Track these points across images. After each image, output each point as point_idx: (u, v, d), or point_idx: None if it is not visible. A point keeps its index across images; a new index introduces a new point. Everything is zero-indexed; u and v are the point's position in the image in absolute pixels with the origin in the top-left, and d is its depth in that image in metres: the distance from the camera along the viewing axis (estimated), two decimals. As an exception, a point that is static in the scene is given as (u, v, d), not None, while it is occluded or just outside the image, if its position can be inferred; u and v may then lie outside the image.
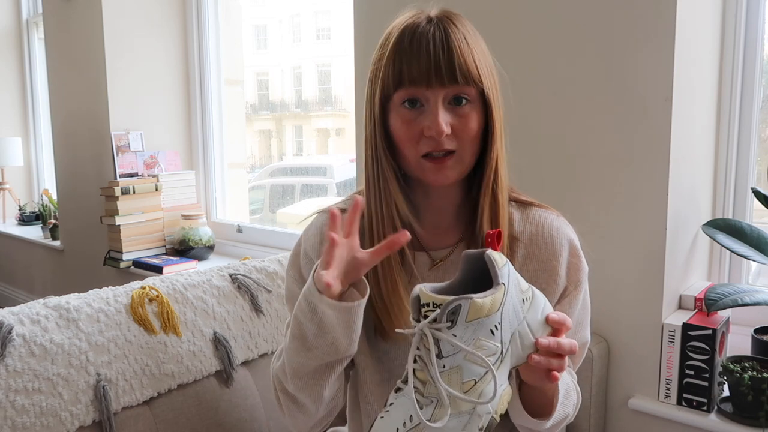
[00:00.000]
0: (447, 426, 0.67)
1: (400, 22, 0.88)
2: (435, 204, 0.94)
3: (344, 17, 2.02)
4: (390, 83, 0.86)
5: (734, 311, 1.38)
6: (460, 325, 0.67)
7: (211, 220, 2.88)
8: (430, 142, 0.85)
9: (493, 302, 0.68)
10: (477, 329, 0.68)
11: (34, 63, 4.23)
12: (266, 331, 1.34)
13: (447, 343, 0.67)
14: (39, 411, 0.98)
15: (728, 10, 1.44)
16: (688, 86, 1.34)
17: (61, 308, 1.09)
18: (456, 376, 0.68)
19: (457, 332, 0.67)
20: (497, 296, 0.69)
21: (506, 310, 0.70)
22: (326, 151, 3.69)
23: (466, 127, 0.86)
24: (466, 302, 0.67)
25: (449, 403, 0.67)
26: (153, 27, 2.77)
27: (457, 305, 0.67)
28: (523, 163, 1.52)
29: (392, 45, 0.86)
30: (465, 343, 0.67)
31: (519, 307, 0.71)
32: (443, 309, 0.67)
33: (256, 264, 1.42)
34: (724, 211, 1.50)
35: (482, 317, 0.68)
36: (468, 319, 0.67)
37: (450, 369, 0.68)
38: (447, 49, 0.83)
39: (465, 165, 0.88)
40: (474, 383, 0.68)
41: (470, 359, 0.68)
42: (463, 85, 0.84)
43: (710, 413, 1.29)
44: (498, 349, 0.69)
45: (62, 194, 3.24)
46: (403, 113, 0.86)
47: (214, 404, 1.20)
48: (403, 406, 0.70)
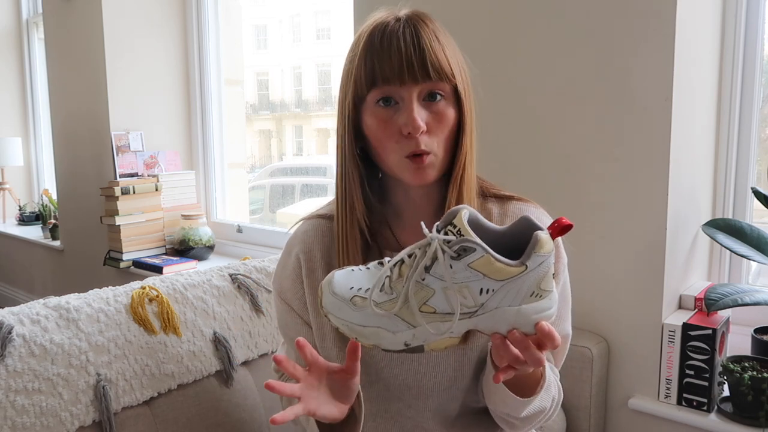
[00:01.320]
0: (382, 320, 0.70)
1: (369, 23, 0.88)
2: (415, 204, 0.94)
3: (344, 17, 2.02)
4: (363, 83, 0.86)
5: (734, 311, 1.39)
6: (462, 262, 0.67)
7: (211, 220, 2.88)
8: (410, 143, 0.85)
9: (502, 271, 0.67)
10: (472, 278, 0.68)
11: (34, 63, 4.23)
12: (266, 331, 1.34)
13: (440, 267, 0.68)
14: (39, 411, 0.98)
15: (728, 10, 1.44)
16: (688, 86, 1.34)
17: (61, 308, 1.09)
18: (423, 294, 0.69)
19: (456, 267, 0.68)
20: (510, 270, 0.67)
21: (509, 286, 0.68)
22: (326, 151, 3.70)
23: (441, 123, 0.86)
24: (482, 252, 0.67)
25: (401, 306, 0.69)
26: (153, 27, 2.77)
27: (472, 247, 0.67)
28: (524, 163, 1.52)
29: (363, 45, 0.86)
30: (453, 280, 0.68)
31: (523, 294, 0.69)
32: (460, 241, 0.67)
33: (256, 264, 1.42)
34: (724, 211, 1.50)
35: (484, 273, 0.67)
36: (472, 266, 0.67)
37: (424, 286, 0.69)
38: (418, 45, 0.83)
39: (442, 162, 0.88)
40: (433, 312, 0.69)
41: (446, 294, 0.69)
42: (436, 80, 0.84)
43: (710, 413, 1.29)
44: (474, 308, 0.69)
45: (62, 194, 3.24)
46: (378, 112, 0.86)
47: (214, 404, 1.20)
48: (371, 276, 0.73)
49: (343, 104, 0.90)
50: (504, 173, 1.50)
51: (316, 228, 0.98)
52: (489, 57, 1.51)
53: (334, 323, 0.73)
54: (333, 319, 0.73)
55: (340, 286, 0.73)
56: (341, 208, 0.92)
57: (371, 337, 0.71)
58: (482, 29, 1.53)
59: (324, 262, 0.96)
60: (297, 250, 0.98)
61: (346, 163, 0.91)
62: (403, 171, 0.87)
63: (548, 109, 1.47)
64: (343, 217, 0.92)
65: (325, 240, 0.97)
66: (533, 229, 0.68)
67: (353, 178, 0.91)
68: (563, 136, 1.45)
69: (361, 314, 0.71)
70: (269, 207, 3.37)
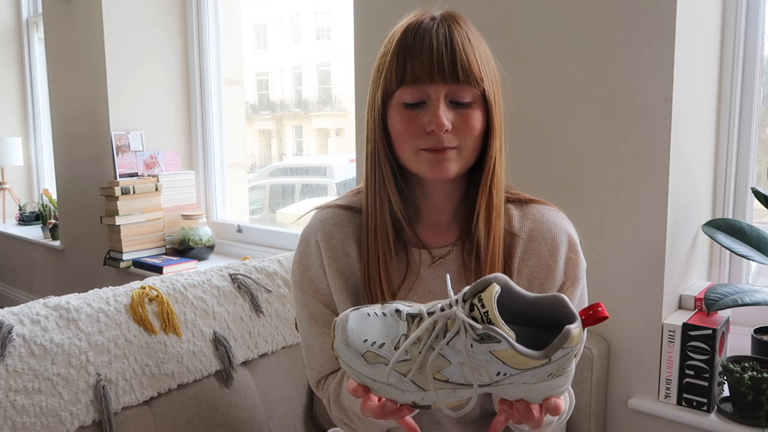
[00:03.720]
0: (392, 375, 0.68)
1: (404, 21, 0.88)
2: (434, 203, 0.94)
3: (344, 17, 2.02)
4: (393, 79, 0.86)
5: (734, 311, 1.39)
6: (484, 347, 0.65)
7: (211, 220, 2.88)
8: (431, 139, 0.85)
9: (524, 363, 0.65)
10: (491, 362, 0.66)
11: (34, 63, 4.23)
12: (266, 331, 1.34)
13: (461, 343, 0.66)
14: (39, 411, 0.98)
15: (728, 10, 1.44)
16: (688, 86, 1.34)
17: (61, 308, 1.09)
18: (438, 363, 0.67)
19: (477, 348, 0.65)
20: (533, 363, 0.65)
21: (530, 373, 0.66)
22: (326, 151, 3.70)
23: (468, 125, 0.86)
24: (506, 344, 0.64)
25: (414, 373, 0.68)
26: (153, 27, 2.77)
27: (497, 338, 0.64)
28: (524, 163, 1.52)
29: (396, 42, 0.86)
30: (471, 361, 0.66)
31: (539, 377, 0.67)
32: (486, 329, 0.64)
33: (256, 264, 1.42)
34: (724, 211, 1.50)
35: (504, 362, 0.65)
36: (494, 353, 0.65)
37: (440, 356, 0.67)
38: (450, 45, 0.83)
39: (465, 161, 0.88)
40: (446, 381, 0.68)
41: (462, 368, 0.67)
42: (464, 82, 0.84)
43: (710, 413, 1.29)
44: (488, 383, 0.68)
45: (62, 194, 3.24)
46: (404, 110, 0.86)
47: (214, 404, 1.20)
48: (386, 328, 0.70)
49: (374, 98, 0.90)
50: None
51: (335, 216, 0.97)
52: (489, 57, 1.50)
53: (344, 368, 0.73)
54: (343, 365, 0.72)
55: (354, 336, 0.71)
56: (371, 200, 0.91)
57: (380, 391, 0.71)
58: (482, 29, 1.53)
59: (344, 251, 0.95)
60: (317, 238, 0.96)
61: (378, 157, 0.90)
62: (420, 163, 0.87)
63: (548, 109, 1.47)
64: (373, 209, 0.91)
65: (345, 229, 0.96)
66: (565, 310, 0.66)
67: (386, 171, 0.90)
68: (563, 136, 1.45)
69: (373, 370, 0.70)
70: (269, 207, 3.37)
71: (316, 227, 0.97)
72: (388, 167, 0.90)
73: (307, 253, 0.98)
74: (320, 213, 0.99)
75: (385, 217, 0.91)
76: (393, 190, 0.91)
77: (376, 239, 0.91)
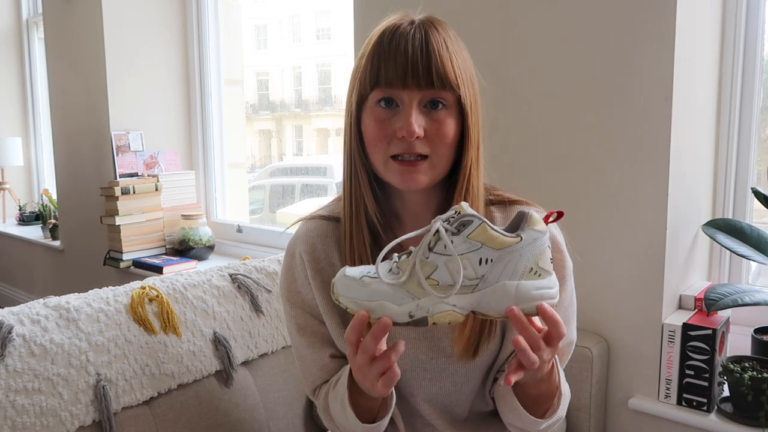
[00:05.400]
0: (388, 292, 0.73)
1: (383, 24, 0.88)
2: (412, 210, 0.94)
3: (344, 17, 2.02)
4: (367, 82, 0.86)
5: (734, 311, 1.38)
6: (461, 236, 0.72)
7: (211, 220, 2.88)
8: (401, 144, 0.84)
9: (498, 239, 0.72)
10: (471, 248, 0.72)
11: (34, 63, 4.23)
12: (266, 331, 1.34)
13: (442, 243, 0.73)
14: (39, 411, 0.98)
15: (728, 10, 1.44)
16: (688, 86, 1.34)
17: (61, 308, 1.09)
18: (427, 269, 0.73)
19: (456, 240, 0.72)
20: (506, 240, 0.72)
21: (507, 257, 0.72)
22: (326, 151, 3.70)
23: (440, 132, 0.85)
24: (478, 222, 0.72)
25: (407, 278, 0.73)
26: (153, 27, 2.77)
27: (470, 220, 0.72)
28: (523, 163, 1.52)
29: (372, 45, 0.86)
30: (454, 251, 0.72)
31: (521, 269, 0.72)
32: (459, 217, 0.73)
33: (256, 264, 1.42)
34: (724, 211, 1.50)
35: (482, 242, 0.72)
36: (470, 237, 0.72)
37: (428, 261, 0.73)
38: (425, 51, 0.83)
39: (438, 171, 0.87)
40: (436, 284, 0.73)
41: (448, 267, 0.72)
42: (439, 88, 0.84)
43: (710, 413, 1.29)
44: (476, 280, 0.72)
45: (62, 194, 3.24)
46: (377, 112, 0.86)
47: (214, 404, 1.20)
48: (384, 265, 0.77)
49: (349, 102, 0.90)
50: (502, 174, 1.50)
51: (318, 228, 0.98)
52: (487, 57, 1.50)
53: (344, 304, 0.75)
54: (343, 300, 0.75)
55: (352, 271, 0.77)
56: (348, 206, 0.91)
57: (377, 310, 0.74)
58: (481, 29, 1.53)
59: (328, 262, 0.96)
60: (300, 251, 0.97)
61: (354, 161, 0.90)
62: (389, 173, 0.87)
63: (547, 109, 1.47)
64: (350, 215, 0.91)
65: (328, 240, 0.96)
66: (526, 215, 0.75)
67: (361, 176, 0.90)
68: (563, 136, 1.45)
69: (369, 290, 0.74)
70: (269, 207, 3.37)
71: (299, 240, 0.98)
72: (363, 172, 0.90)
73: (292, 266, 0.98)
74: (304, 225, 0.99)
75: (361, 223, 0.90)
76: (369, 195, 0.90)
77: (353, 245, 0.91)
